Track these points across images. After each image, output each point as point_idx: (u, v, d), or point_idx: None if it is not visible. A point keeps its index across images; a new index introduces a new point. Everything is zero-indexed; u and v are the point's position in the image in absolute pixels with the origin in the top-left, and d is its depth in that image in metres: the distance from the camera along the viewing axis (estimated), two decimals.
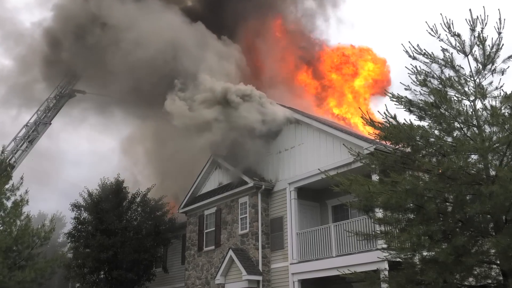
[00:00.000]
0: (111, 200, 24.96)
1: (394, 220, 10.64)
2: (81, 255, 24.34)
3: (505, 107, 9.99)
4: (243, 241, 20.15)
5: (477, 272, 10.27)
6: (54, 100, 30.18)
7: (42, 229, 18.94)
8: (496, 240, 8.92)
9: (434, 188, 9.72)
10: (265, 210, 19.99)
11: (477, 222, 10.12)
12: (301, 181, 18.84)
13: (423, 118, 10.66)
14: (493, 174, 9.69)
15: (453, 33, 10.74)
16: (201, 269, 22.08)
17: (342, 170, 16.20)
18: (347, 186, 10.69)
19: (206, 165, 23.44)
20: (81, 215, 25.42)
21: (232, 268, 19.62)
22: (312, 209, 19.73)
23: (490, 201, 9.04)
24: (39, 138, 29.95)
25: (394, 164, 10.63)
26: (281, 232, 19.22)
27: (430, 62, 10.98)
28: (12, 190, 18.75)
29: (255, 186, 19.93)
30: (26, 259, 18.55)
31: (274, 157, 20.63)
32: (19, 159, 28.89)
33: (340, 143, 17.28)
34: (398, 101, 10.87)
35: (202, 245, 22.49)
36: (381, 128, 10.68)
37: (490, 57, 10.53)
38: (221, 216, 21.75)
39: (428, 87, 10.73)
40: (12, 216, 18.08)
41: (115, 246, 23.82)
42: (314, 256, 17.46)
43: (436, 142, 10.11)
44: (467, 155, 9.80)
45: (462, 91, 10.59)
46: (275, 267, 19.16)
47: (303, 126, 19.58)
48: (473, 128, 10.24)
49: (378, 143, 14.58)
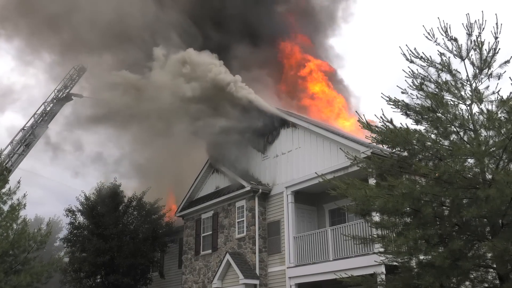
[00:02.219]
0: (108, 204, 24.89)
1: (391, 224, 10.64)
2: (78, 259, 24.24)
3: (501, 111, 10.00)
4: (240, 245, 20.12)
5: (473, 276, 10.28)
6: (51, 104, 30.17)
7: (38, 233, 18.86)
8: (493, 244, 8.93)
9: (431, 192, 9.73)
10: (262, 214, 19.98)
11: (474, 226, 10.13)
12: (298, 185, 18.84)
13: (419, 122, 10.67)
14: (489, 178, 9.69)
15: (450, 38, 10.78)
16: (198, 273, 22.03)
17: (339, 174, 16.23)
18: (344, 190, 10.70)
19: (203, 169, 23.43)
20: (76, 220, 25.32)
21: (229, 272, 19.59)
22: (309, 213, 19.74)
23: (487, 205, 9.05)
24: (35, 141, 29.92)
25: (391, 168, 10.64)
26: (278, 236, 19.21)
27: (427, 66, 11.01)
28: (9, 194, 18.68)
29: (252, 190, 19.92)
30: (22, 263, 18.46)
31: (271, 161, 20.63)
32: (16, 163, 28.84)
33: (337, 147, 17.30)
34: (395, 105, 10.89)
35: (199, 249, 22.45)
36: (378, 132, 10.70)
37: (486, 61, 10.56)
38: (218, 220, 21.72)
39: (424, 91, 10.74)
40: (9, 220, 18.00)
41: (112, 250, 23.76)
42: (311, 260, 17.45)
43: (433, 146, 10.12)
44: (464, 159, 9.81)
45: (459, 95, 10.62)
46: (272, 271, 19.13)
47: (300, 129, 19.59)
48: (469, 132, 10.25)
49: (374, 147, 14.60)
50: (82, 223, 25.35)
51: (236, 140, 21.14)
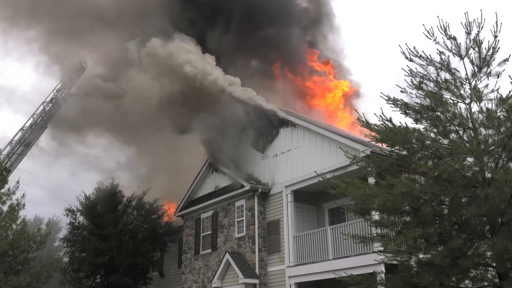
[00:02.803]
0: (107, 204, 24.87)
1: (390, 223, 10.65)
2: (77, 259, 24.23)
3: (501, 110, 10.01)
4: (239, 244, 20.12)
5: (473, 275, 10.28)
6: (50, 104, 30.12)
7: (38, 233, 18.86)
8: (492, 243, 8.93)
9: (430, 190, 9.73)
10: (261, 213, 19.97)
11: (473, 225, 10.13)
12: (298, 184, 18.83)
13: (419, 121, 10.68)
14: (488, 176, 9.70)
15: (449, 36, 10.79)
16: (197, 272, 22.03)
17: (338, 173, 16.21)
18: (343, 189, 10.70)
19: (202, 169, 23.41)
20: (76, 220, 25.32)
21: (228, 271, 19.58)
22: (308, 212, 19.73)
23: (486, 203, 9.05)
24: (34, 142, 29.88)
25: (390, 167, 10.65)
26: (278, 235, 19.20)
27: (426, 65, 11.02)
28: (8, 194, 18.67)
29: (251, 189, 19.91)
30: (21, 263, 18.47)
31: (270, 160, 20.62)
32: (15, 163, 28.81)
33: (336, 146, 17.29)
34: (394, 103, 10.89)
35: (198, 249, 22.44)
36: (377, 131, 10.69)
37: (486, 60, 10.57)
38: (218, 219, 21.71)
39: (424, 89, 10.75)
40: (8, 220, 17.99)
41: (111, 250, 23.75)
42: (311, 259, 17.44)
43: (432, 145, 10.12)
44: (463, 158, 9.81)
45: (458, 94, 10.62)
46: (271, 270, 19.13)
47: (299, 129, 19.58)
48: (468, 131, 10.26)
49: (374, 146, 14.60)
50: (82, 223, 25.35)
51: (235, 139, 21.12)
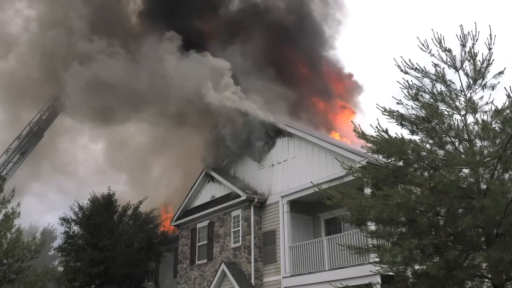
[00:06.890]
0: (102, 214, 24.75)
1: (386, 234, 10.66)
2: (72, 269, 24.07)
3: (496, 121, 10.09)
4: (235, 254, 20.06)
5: (468, 286, 10.29)
6: (47, 112, 30.10)
7: (33, 242, 18.74)
8: (488, 254, 8.95)
9: (426, 202, 9.77)
10: (257, 224, 19.95)
11: (469, 236, 10.16)
12: (294, 194, 18.83)
13: (414, 132, 10.74)
14: (484, 187, 9.74)
15: (444, 48, 10.88)
16: (193, 282, 21.93)
17: (334, 184, 16.21)
18: (339, 199, 10.72)
19: (198, 178, 23.38)
20: (70, 229, 25.17)
21: (224, 281, 19.51)
22: (304, 222, 19.71)
23: (482, 214, 9.09)
24: (31, 150, 29.82)
25: (386, 178, 10.68)
26: (274, 246, 19.17)
27: (422, 77, 11.10)
28: (3, 202, 18.57)
29: (247, 199, 19.89)
30: (16, 272, 18.33)
31: (267, 170, 20.64)
32: (11, 171, 28.72)
33: (332, 156, 17.33)
34: (390, 115, 10.95)
35: (194, 259, 22.36)
36: (373, 142, 10.74)
37: (480, 72, 10.65)
38: (214, 229, 21.66)
39: (419, 101, 10.82)
40: (3, 229, 17.89)
41: (106, 260, 23.60)
42: (307, 270, 17.40)
43: (428, 156, 10.17)
44: (459, 169, 9.86)
45: (453, 106, 10.70)
46: (267, 281, 19.06)
47: (296, 139, 19.62)
48: (464, 142, 10.32)
49: (370, 157, 14.64)
50: (77, 232, 25.19)
51: (231, 149, 21.15)
